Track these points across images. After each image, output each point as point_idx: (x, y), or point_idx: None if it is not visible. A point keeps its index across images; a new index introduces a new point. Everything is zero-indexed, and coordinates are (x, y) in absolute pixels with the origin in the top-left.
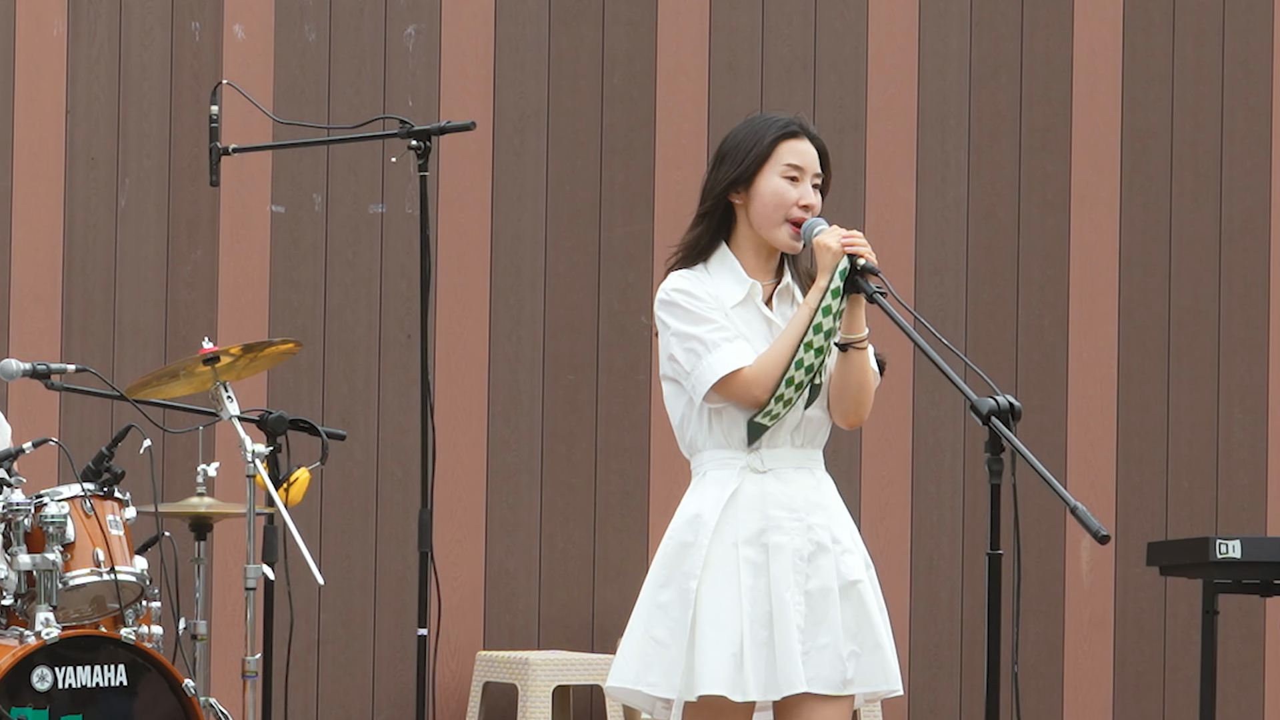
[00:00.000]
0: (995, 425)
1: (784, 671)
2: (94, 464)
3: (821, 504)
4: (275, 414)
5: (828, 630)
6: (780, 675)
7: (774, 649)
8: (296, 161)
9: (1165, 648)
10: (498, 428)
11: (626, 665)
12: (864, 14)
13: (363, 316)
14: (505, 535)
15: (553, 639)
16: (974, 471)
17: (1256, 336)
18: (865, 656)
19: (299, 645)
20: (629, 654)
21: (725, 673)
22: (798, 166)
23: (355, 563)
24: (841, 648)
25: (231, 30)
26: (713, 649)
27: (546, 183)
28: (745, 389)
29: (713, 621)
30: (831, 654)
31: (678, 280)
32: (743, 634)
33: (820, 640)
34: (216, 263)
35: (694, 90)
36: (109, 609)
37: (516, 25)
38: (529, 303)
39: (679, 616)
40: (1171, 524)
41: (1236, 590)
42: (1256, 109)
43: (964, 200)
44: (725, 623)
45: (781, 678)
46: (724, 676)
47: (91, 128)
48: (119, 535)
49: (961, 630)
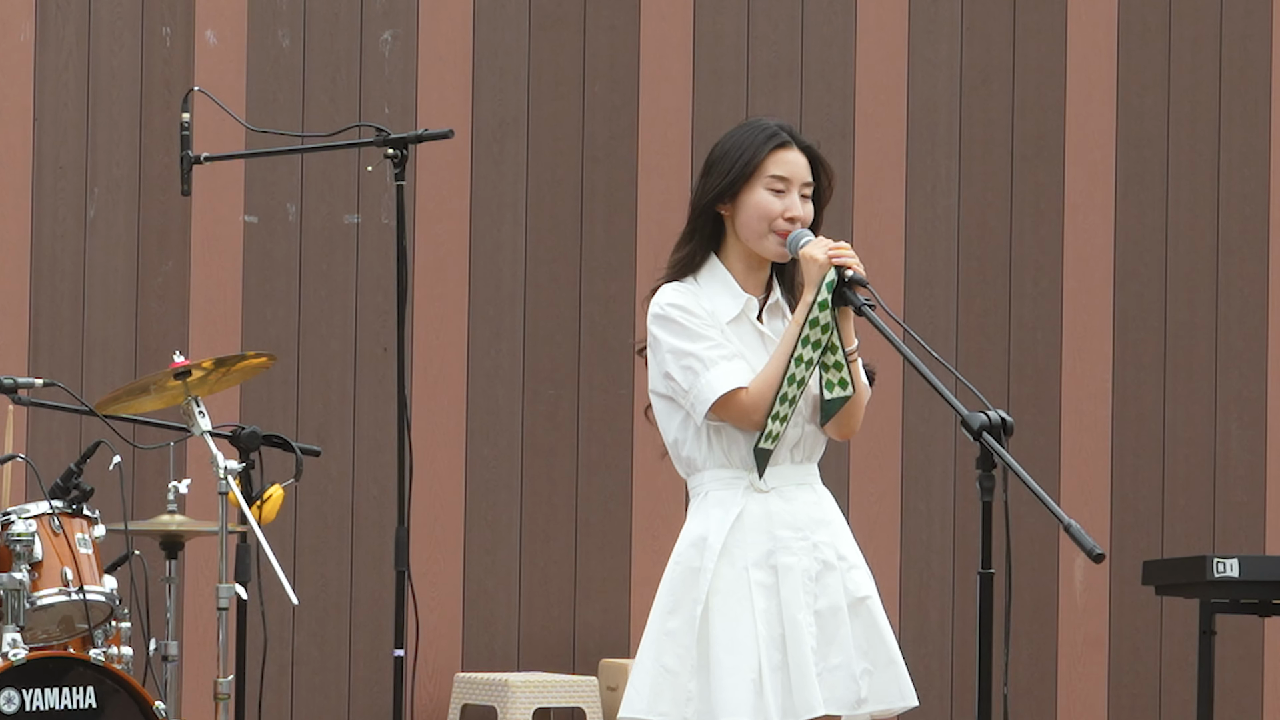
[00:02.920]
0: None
1: (801, 694)
2: (62, 481)
3: (824, 520)
4: (248, 429)
5: (839, 650)
6: (798, 698)
7: (789, 672)
8: (270, 170)
9: (1161, 669)
10: (476, 444)
11: (638, 695)
12: (852, 19)
13: (338, 329)
14: (484, 554)
15: (533, 660)
16: (965, 488)
17: (1254, 350)
18: (879, 673)
19: (273, 667)
20: (639, 684)
21: (746, 698)
22: (783, 178)
23: (330, 582)
24: (854, 666)
25: (203, 35)
26: (731, 675)
27: (526, 192)
28: (743, 410)
29: (728, 647)
30: (844, 674)
31: (672, 294)
32: (760, 658)
33: (832, 660)
34: (188, 274)
35: (677, 98)
36: (78, 629)
37: (495, 31)
38: (508, 315)
39: (689, 643)
40: (1167, 542)
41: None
42: (1254, 117)
43: (954, 210)
44: (741, 648)
45: (799, 700)
46: (745, 702)
47: (60, 135)
48: (88, 554)
49: (952, 651)
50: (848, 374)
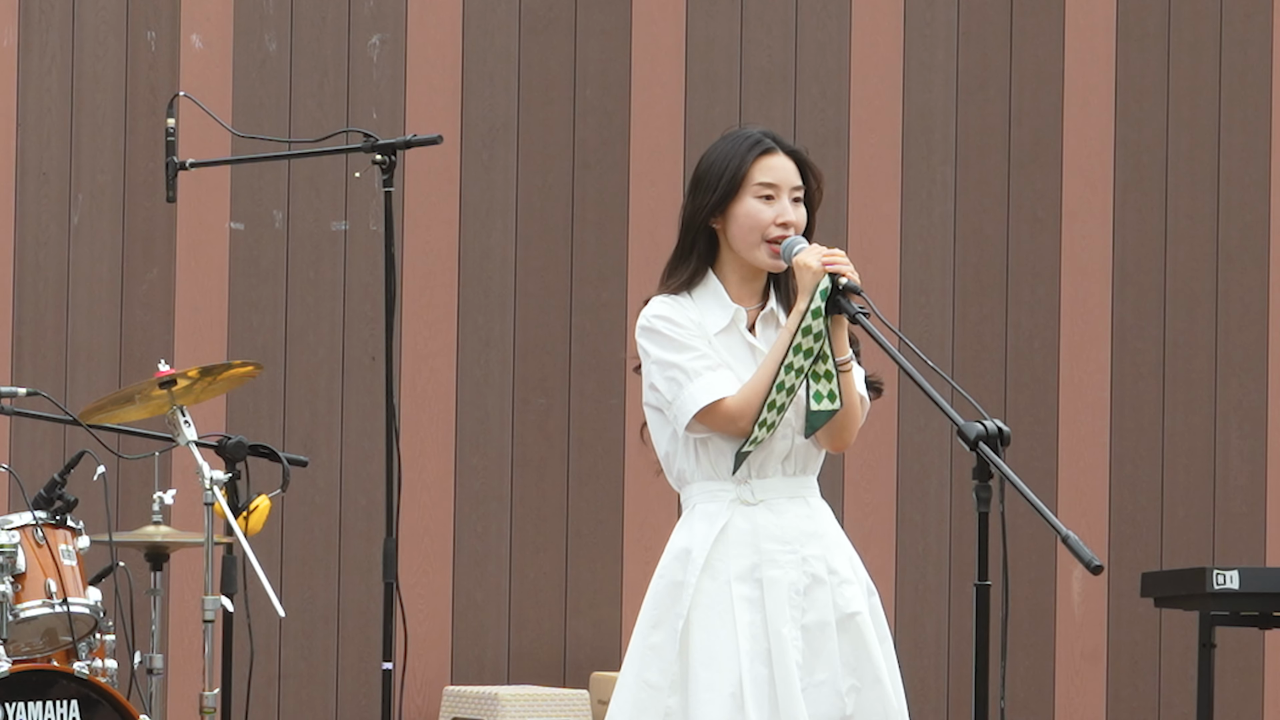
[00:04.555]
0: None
1: (786, 709)
2: (46, 491)
3: (816, 534)
4: (234, 439)
5: (825, 665)
6: (783, 713)
7: (774, 686)
8: (256, 177)
9: (1160, 683)
10: (466, 454)
11: (620, 711)
12: (847, 23)
13: (325, 338)
14: (474, 565)
15: (523, 673)
16: (961, 499)
17: (1255, 359)
18: (865, 691)
19: (259, 680)
20: (622, 699)
21: (724, 714)
22: (771, 184)
23: (318, 594)
24: (840, 683)
25: (189, 40)
26: (708, 690)
27: (516, 199)
28: (728, 419)
29: (706, 662)
30: (830, 690)
31: (659, 306)
32: (741, 672)
33: (818, 676)
34: (173, 282)
35: (670, 103)
36: (61, 642)
37: (485, 35)
38: (498, 324)
39: (671, 658)
40: (1167, 554)
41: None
42: (1255, 123)
43: (951, 217)
44: (720, 662)
45: (784, 715)
46: (723, 718)
47: (43, 141)
48: (72, 565)
49: (948, 664)
50: (837, 386)
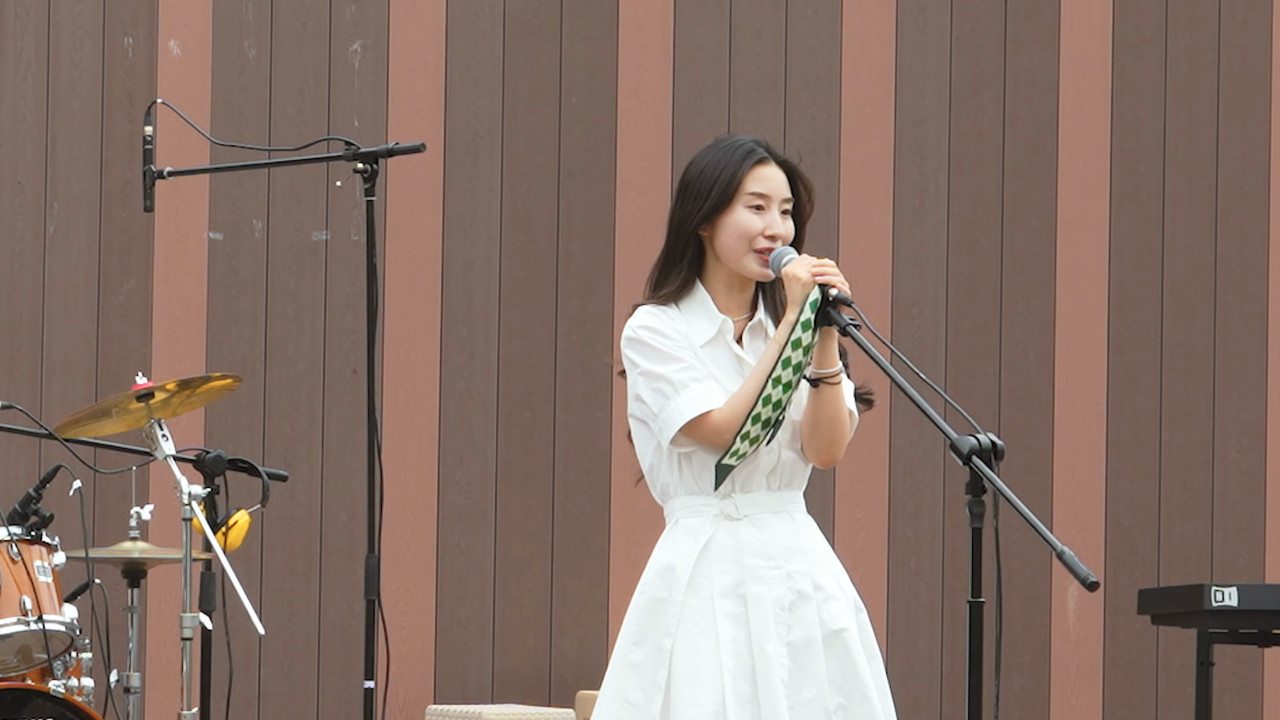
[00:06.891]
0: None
1: None
2: (21, 506)
3: (801, 549)
4: (213, 453)
5: (812, 682)
6: None
7: (759, 704)
8: (235, 186)
9: (1157, 701)
10: (449, 468)
11: None
12: (837, 29)
13: (305, 350)
14: (457, 582)
15: (508, 692)
16: (954, 514)
17: (1253, 371)
18: (853, 709)
19: (238, 699)
20: (602, 717)
21: None
22: (762, 195)
23: (298, 611)
24: (828, 700)
25: (167, 46)
26: (690, 708)
27: (501, 208)
28: (714, 433)
29: (687, 679)
30: (817, 708)
31: (645, 317)
32: (724, 690)
33: (805, 694)
34: (150, 293)
35: (657, 110)
36: (36, 660)
37: (469, 41)
38: (482, 335)
39: (653, 676)
40: (1164, 570)
41: (1233, 640)
42: (1253, 130)
43: (944, 226)
44: (702, 680)
45: None
46: None
47: (18, 150)
48: (47, 582)
49: (941, 682)
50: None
